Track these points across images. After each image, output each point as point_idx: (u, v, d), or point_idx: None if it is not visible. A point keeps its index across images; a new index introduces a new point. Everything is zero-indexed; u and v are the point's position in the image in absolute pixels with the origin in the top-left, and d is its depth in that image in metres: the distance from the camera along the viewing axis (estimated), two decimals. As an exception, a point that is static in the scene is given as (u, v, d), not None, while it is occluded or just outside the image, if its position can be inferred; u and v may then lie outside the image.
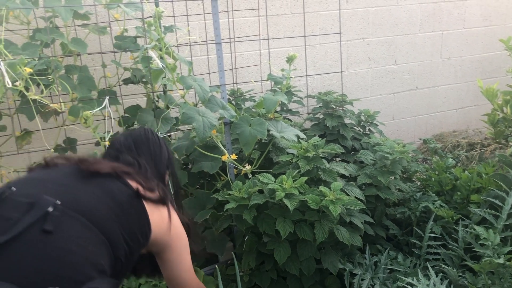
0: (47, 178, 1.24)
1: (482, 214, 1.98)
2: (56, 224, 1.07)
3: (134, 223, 1.26)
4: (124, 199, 1.26)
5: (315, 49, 3.28)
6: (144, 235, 1.30)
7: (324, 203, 1.75)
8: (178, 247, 1.46)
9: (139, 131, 1.58)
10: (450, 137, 3.74)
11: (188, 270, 1.52)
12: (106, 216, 1.18)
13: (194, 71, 2.85)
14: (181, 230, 1.48)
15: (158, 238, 1.36)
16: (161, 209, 1.38)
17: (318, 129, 2.72)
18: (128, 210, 1.25)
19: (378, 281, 1.90)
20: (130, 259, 1.26)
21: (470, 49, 3.81)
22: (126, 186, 1.30)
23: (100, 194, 1.22)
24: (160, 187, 1.42)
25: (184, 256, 1.49)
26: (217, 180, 2.26)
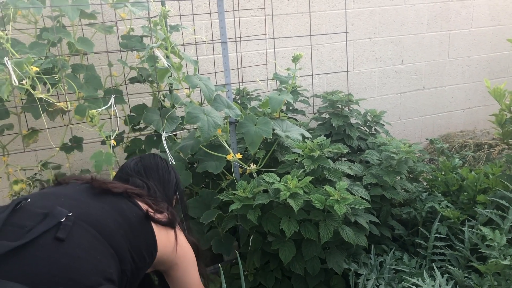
0: (60, 193, 1.30)
1: (488, 215, 1.97)
2: (68, 233, 1.12)
3: (141, 241, 1.31)
4: (133, 218, 1.31)
5: (321, 48, 3.27)
6: (150, 254, 1.34)
7: (329, 203, 1.75)
8: (184, 265, 1.50)
9: (148, 156, 1.67)
10: (457, 138, 3.72)
11: (197, 286, 1.55)
12: (115, 231, 1.23)
13: (200, 71, 2.86)
14: (187, 249, 1.51)
15: (164, 258, 1.41)
16: (168, 230, 1.43)
17: (324, 128, 2.71)
18: (136, 229, 1.30)
19: (383, 281, 1.89)
20: (135, 276, 1.30)
21: (478, 49, 3.79)
22: (136, 207, 1.35)
23: (110, 210, 1.28)
24: (169, 210, 1.47)
25: (191, 273, 1.53)
26: (223, 180, 2.26)
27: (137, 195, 1.40)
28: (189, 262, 1.52)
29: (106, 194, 1.33)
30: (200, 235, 2.13)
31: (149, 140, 2.39)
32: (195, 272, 1.54)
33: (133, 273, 1.27)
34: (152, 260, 1.35)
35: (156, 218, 1.37)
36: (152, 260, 1.35)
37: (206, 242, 2.08)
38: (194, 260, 1.54)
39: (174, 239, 1.43)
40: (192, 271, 1.53)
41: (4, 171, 2.32)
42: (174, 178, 1.66)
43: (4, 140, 2.33)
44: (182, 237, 1.49)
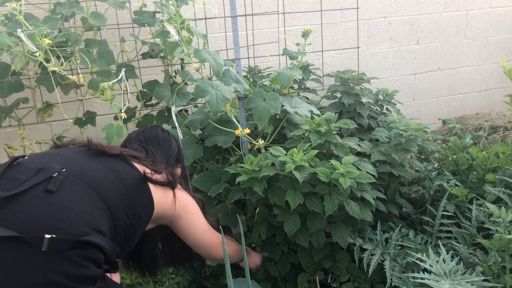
0: (57, 153, 1.35)
1: (496, 193, 1.96)
2: (58, 186, 1.17)
3: (136, 200, 1.34)
4: (128, 179, 1.34)
5: (335, 27, 3.25)
6: (146, 212, 1.38)
7: (334, 176, 1.76)
8: (187, 215, 1.54)
9: (150, 128, 1.73)
10: (472, 120, 3.67)
11: (206, 231, 1.60)
12: (108, 189, 1.27)
13: (213, 48, 2.87)
14: (187, 200, 1.55)
15: (163, 214, 1.46)
16: (166, 189, 1.47)
17: (335, 107, 2.71)
18: (131, 189, 1.33)
19: (388, 257, 1.91)
20: (132, 232, 1.34)
21: (496, 30, 3.71)
22: (132, 168, 1.39)
23: (105, 170, 1.32)
24: (168, 170, 1.51)
25: (196, 220, 1.58)
26: (232, 155, 2.29)
27: (134, 157, 1.45)
28: (191, 210, 1.56)
29: (102, 156, 1.37)
30: (209, 208, 2.17)
31: (161, 116, 2.42)
32: (200, 217, 1.59)
33: (128, 229, 1.31)
34: (149, 218, 1.40)
35: (153, 178, 1.41)
36: (149, 218, 1.40)
37: (214, 215, 2.12)
38: (196, 208, 1.59)
39: (173, 197, 1.48)
40: (196, 218, 1.58)
41: (20, 144, 2.38)
42: (175, 148, 1.71)
43: (20, 114, 2.39)
44: (181, 193, 1.54)
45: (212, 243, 1.64)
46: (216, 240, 1.64)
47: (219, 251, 1.65)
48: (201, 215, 1.60)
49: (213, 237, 1.64)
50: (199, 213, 1.60)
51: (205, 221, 1.61)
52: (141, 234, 1.42)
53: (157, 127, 1.75)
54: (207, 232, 1.62)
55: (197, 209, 1.60)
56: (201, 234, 1.60)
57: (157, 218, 1.45)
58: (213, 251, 1.65)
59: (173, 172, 1.55)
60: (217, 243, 1.64)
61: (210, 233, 1.63)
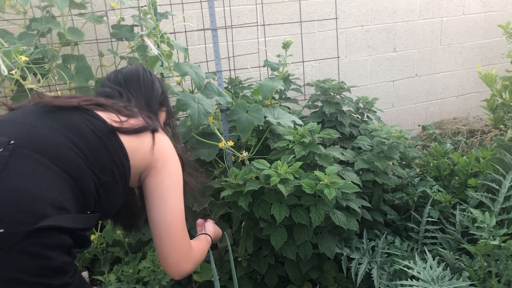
0: (7, 119, 1.17)
1: (479, 198, 1.98)
2: (3, 165, 1.01)
3: (104, 156, 1.17)
4: (91, 134, 1.17)
5: (314, 37, 3.27)
6: (121, 167, 1.21)
7: (319, 187, 1.76)
8: (163, 173, 1.30)
9: (130, 67, 1.49)
10: (450, 125, 3.73)
11: (176, 212, 1.30)
12: (66, 151, 1.10)
13: (192, 60, 2.86)
14: (170, 155, 1.33)
15: (141, 164, 1.27)
16: (142, 136, 1.27)
17: (317, 116, 2.72)
18: (96, 145, 1.16)
19: (376, 265, 1.91)
20: (109, 191, 1.20)
21: (470, 36, 3.79)
22: (95, 119, 1.20)
23: (61, 129, 1.14)
24: (144, 114, 1.34)
25: (172, 188, 1.31)
26: (216, 168, 2.27)
27: (98, 105, 1.25)
28: (170, 171, 1.32)
29: (58, 111, 1.18)
30: (194, 223, 2.14)
31: (142, 130, 2.39)
32: (175, 191, 1.31)
33: (103, 188, 1.17)
34: (126, 171, 1.23)
35: (123, 127, 1.23)
36: (126, 171, 1.23)
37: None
38: (178, 175, 1.34)
39: (151, 141, 1.29)
40: (172, 187, 1.31)
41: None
42: (159, 89, 1.50)
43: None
44: (163, 139, 1.34)
45: (175, 232, 1.30)
46: (180, 233, 1.32)
47: (177, 247, 1.31)
48: (179, 190, 1.33)
49: (180, 224, 1.31)
50: (177, 186, 1.32)
51: (181, 203, 1.32)
52: (124, 189, 1.25)
53: (138, 66, 1.51)
54: (176, 214, 1.30)
55: (179, 177, 1.33)
56: (169, 211, 1.29)
57: (137, 169, 1.26)
58: (170, 242, 1.30)
59: (151, 115, 1.36)
60: (180, 236, 1.32)
61: (178, 218, 1.31)
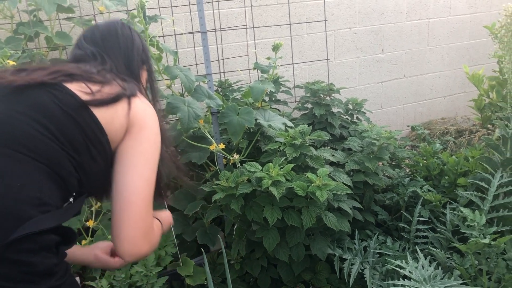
0: None
1: (469, 196, 2.00)
2: None
3: (76, 134, 1.06)
4: (58, 111, 1.05)
5: (302, 39, 3.28)
6: (98, 143, 1.10)
7: (311, 189, 1.76)
8: (140, 137, 1.16)
9: (107, 23, 1.35)
10: (438, 125, 3.77)
11: (145, 181, 1.14)
12: (35, 137, 1.00)
13: (182, 63, 2.85)
14: (149, 121, 1.19)
15: (119, 135, 1.15)
16: (117, 104, 1.14)
17: (307, 118, 2.72)
18: (66, 122, 1.05)
19: (368, 265, 1.92)
20: (87, 172, 1.10)
21: (456, 37, 3.83)
22: (63, 93, 1.08)
23: (27, 111, 1.02)
24: (119, 78, 1.21)
25: (145, 155, 1.16)
26: (207, 171, 2.26)
27: (67, 76, 1.12)
28: (147, 137, 1.17)
29: (22, 91, 1.06)
30: (186, 227, 2.13)
31: (132, 134, 2.37)
32: (148, 159, 1.16)
33: (79, 170, 1.08)
34: (104, 147, 1.12)
35: (95, 100, 1.10)
36: (104, 147, 1.12)
37: (191, 233, 2.09)
38: (155, 143, 1.19)
39: (127, 107, 1.15)
40: (145, 154, 1.16)
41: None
42: (140, 47, 1.36)
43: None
44: (141, 103, 1.20)
45: (139, 202, 1.12)
46: (145, 206, 1.13)
47: (137, 220, 1.11)
48: (155, 155, 1.18)
49: (146, 196, 1.14)
50: (154, 152, 1.18)
51: (154, 170, 1.17)
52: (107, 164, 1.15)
53: (116, 21, 1.36)
54: (142, 182, 1.13)
55: (156, 143, 1.19)
56: (134, 177, 1.13)
57: (117, 141, 1.15)
58: (131, 212, 1.11)
59: (127, 78, 1.24)
60: (144, 209, 1.13)
61: (148, 189, 1.15)
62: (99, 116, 1.10)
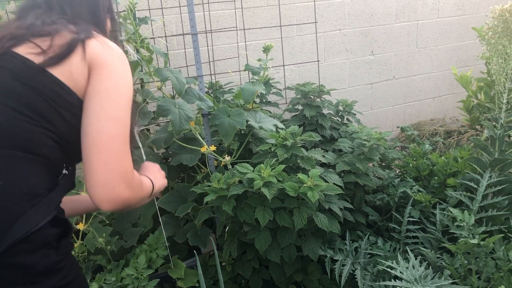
0: None
1: (458, 197, 2.03)
2: None
3: (42, 104, 0.97)
4: (16, 84, 0.96)
5: (293, 41, 3.29)
6: (68, 105, 1.00)
7: (302, 190, 1.77)
8: (102, 75, 1.03)
9: None
10: (427, 126, 3.81)
11: (115, 120, 1.00)
12: (2, 123, 0.94)
13: (172, 65, 2.85)
14: (109, 58, 1.05)
15: (82, 85, 1.03)
16: (73, 53, 1.01)
17: (297, 119, 2.73)
18: (28, 95, 0.96)
19: (359, 266, 1.93)
20: (70, 140, 1.02)
21: (445, 39, 3.87)
22: (14, 62, 0.97)
23: None
24: (71, 24, 1.07)
25: (111, 92, 1.02)
26: (198, 173, 2.26)
27: (11, 40, 1.00)
28: (109, 73, 1.04)
29: None
30: (177, 229, 2.13)
31: (122, 136, 2.36)
32: (116, 96, 1.02)
33: (61, 141, 1.01)
34: (76, 108, 1.02)
35: (50, 58, 0.98)
36: (76, 108, 1.02)
37: (183, 235, 2.08)
38: (122, 78, 1.05)
39: (82, 50, 1.02)
40: (111, 91, 1.02)
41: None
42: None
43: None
44: (97, 43, 1.05)
45: (110, 141, 0.98)
46: (117, 145, 0.99)
47: (108, 160, 0.97)
48: (125, 91, 1.04)
49: (119, 135, 1.00)
50: (122, 87, 1.04)
51: (125, 108, 1.03)
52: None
53: None
54: (116, 122, 1.00)
55: (123, 78, 1.05)
56: (103, 114, 1.00)
57: (83, 91, 1.04)
58: (101, 151, 0.97)
59: (78, 21, 1.09)
60: (117, 149, 0.98)
61: (119, 127, 1.00)
62: (59, 75, 0.99)
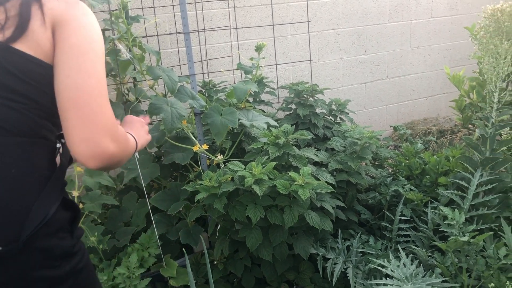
0: None
1: (449, 195, 2.03)
2: None
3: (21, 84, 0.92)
4: None
5: (286, 40, 3.29)
6: (42, 78, 0.94)
7: (293, 188, 1.77)
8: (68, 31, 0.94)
9: None
10: (421, 125, 3.82)
11: (88, 75, 0.93)
12: None
13: (165, 64, 2.84)
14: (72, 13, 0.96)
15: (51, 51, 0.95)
16: (32, 19, 0.93)
17: (291, 118, 2.74)
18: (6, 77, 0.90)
19: (351, 264, 1.93)
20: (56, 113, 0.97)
21: (438, 38, 3.89)
22: None
23: None
24: None
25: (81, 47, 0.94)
26: (191, 172, 2.26)
27: None
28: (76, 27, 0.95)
29: None
30: (169, 227, 2.13)
31: (115, 135, 2.36)
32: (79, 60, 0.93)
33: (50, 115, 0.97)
34: (51, 79, 0.94)
35: (10, 33, 0.91)
36: (51, 79, 0.94)
37: (175, 233, 2.08)
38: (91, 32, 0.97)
39: (40, 12, 0.94)
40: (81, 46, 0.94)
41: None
42: None
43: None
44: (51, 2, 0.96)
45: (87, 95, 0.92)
46: (96, 98, 0.93)
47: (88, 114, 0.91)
48: (96, 46, 0.96)
49: (96, 89, 0.94)
50: (92, 42, 0.95)
51: (99, 63, 0.96)
52: None
53: None
54: (90, 76, 0.93)
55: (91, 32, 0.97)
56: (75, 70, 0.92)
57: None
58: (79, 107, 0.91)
59: None
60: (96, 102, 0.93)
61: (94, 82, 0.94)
62: (25, 49, 0.92)
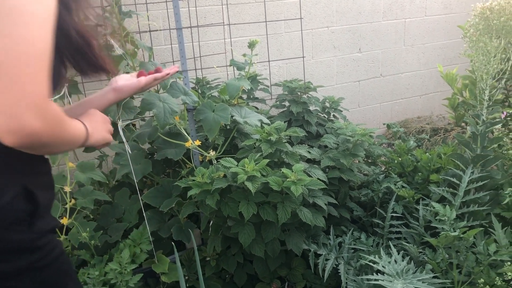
0: None
1: (441, 192, 2.04)
2: None
3: None
4: None
5: (280, 37, 3.30)
6: None
7: (286, 184, 1.77)
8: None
9: None
10: (414, 123, 3.83)
11: (7, 38, 0.75)
12: None
13: (159, 60, 2.84)
14: None
15: None
16: None
17: (284, 116, 2.74)
18: None
19: (343, 260, 1.94)
20: None
21: (432, 37, 3.90)
22: None
23: None
24: None
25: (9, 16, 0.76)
26: (183, 168, 2.26)
27: None
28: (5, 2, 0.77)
29: None
30: (161, 224, 2.13)
31: (107, 131, 2.35)
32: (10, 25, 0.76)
33: None
34: None
35: None
36: None
37: (167, 230, 2.08)
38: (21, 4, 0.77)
39: None
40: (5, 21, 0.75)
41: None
42: None
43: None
44: None
45: (12, 62, 0.76)
46: (23, 67, 0.77)
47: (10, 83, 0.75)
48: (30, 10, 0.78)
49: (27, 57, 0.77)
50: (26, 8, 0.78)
51: (30, 25, 0.78)
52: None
53: None
54: (14, 42, 0.76)
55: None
56: (5, 33, 0.76)
57: None
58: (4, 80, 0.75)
59: None
60: (23, 71, 0.77)
61: (20, 47, 0.76)
62: None
